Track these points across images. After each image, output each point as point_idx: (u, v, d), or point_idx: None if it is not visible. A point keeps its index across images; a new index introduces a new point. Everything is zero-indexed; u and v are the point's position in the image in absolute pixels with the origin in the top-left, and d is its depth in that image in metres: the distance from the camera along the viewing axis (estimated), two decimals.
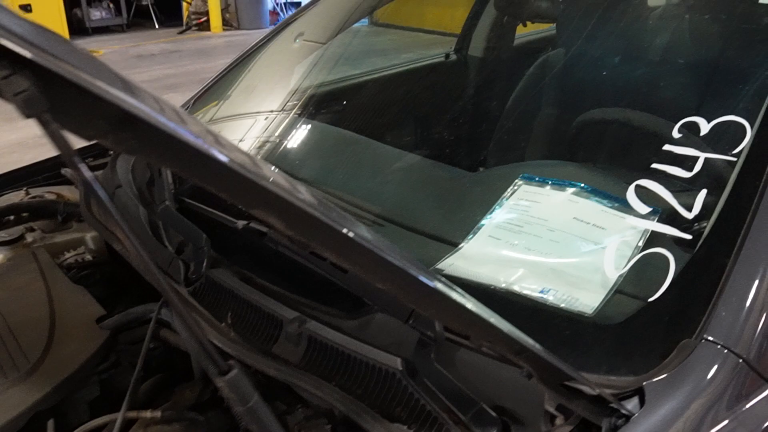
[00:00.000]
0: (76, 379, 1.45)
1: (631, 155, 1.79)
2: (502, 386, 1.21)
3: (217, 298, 1.53)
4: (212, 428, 1.41)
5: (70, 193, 2.30)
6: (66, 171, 2.37)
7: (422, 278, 0.85)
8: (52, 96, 0.62)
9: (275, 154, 2.22)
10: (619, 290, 1.34)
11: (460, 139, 2.36)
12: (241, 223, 1.69)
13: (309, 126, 2.35)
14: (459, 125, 2.45)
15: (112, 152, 2.46)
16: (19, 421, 1.34)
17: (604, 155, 1.86)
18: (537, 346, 0.98)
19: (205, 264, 1.61)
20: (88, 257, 2.00)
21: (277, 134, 2.31)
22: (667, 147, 1.51)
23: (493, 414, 1.17)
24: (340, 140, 2.24)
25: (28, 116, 0.59)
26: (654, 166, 1.49)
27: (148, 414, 1.40)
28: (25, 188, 2.28)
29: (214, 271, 1.57)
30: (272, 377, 1.36)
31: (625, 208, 1.46)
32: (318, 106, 2.58)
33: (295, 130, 2.34)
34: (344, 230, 0.77)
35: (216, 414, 1.42)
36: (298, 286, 1.51)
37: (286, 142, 2.28)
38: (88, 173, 0.73)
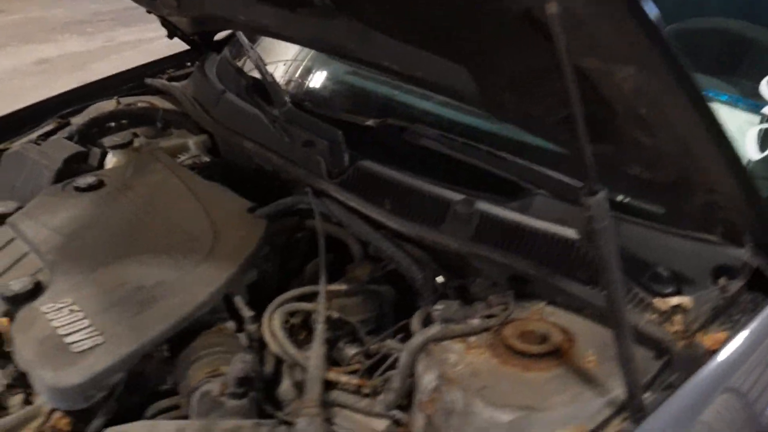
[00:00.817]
0: (252, 261, 1.56)
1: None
2: (670, 253, 1.35)
3: (370, 187, 1.64)
4: (386, 300, 1.54)
5: (160, 102, 2.35)
6: (151, 81, 2.42)
7: None
8: None
9: None
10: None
11: None
12: (374, 121, 1.80)
13: None
14: None
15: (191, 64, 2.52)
16: (217, 295, 1.45)
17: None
18: None
19: (346, 157, 1.72)
20: (205, 159, 2.08)
21: None
22: None
23: (667, 273, 1.32)
24: None
25: None
26: None
27: (334, 287, 1.52)
28: (115, 97, 2.32)
29: (363, 162, 1.67)
30: (442, 254, 1.49)
31: None
32: None
33: None
34: None
35: (389, 289, 1.55)
36: (446, 176, 1.62)
37: None
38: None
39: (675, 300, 1.25)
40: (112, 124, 2.22)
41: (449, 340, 1.29)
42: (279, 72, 2.31)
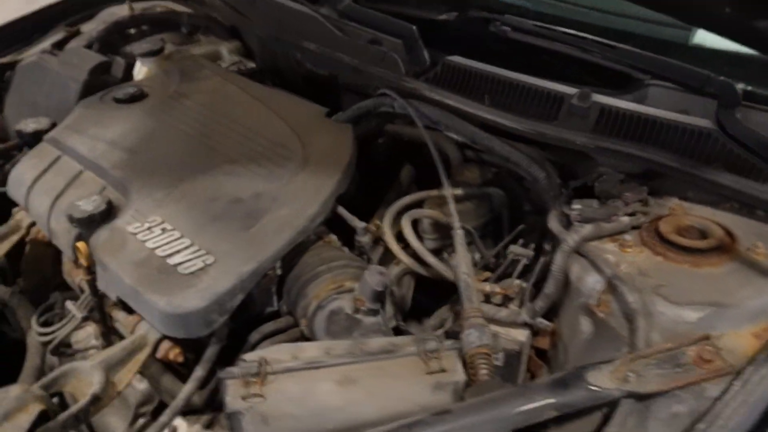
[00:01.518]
0: (353, 165, 1.42)
1: None
2: None
3: (464, 85, 1.50)
4: (500, 204, 1.44)
5: (176, 6, 2.13)
6: None
7: None
8: None
9: None
10: None
11: None
12: (450, 15, 1.65)
13: None
14: None
15: None
16: (327, 206, 1.32)
17: None
18: None
19: (425, 54, 1.58)
20: (249, 64, 1.89)
21: None
22: None
23: None
24: None
25: None
26: None
27: (435, 192, 1.41)
28: (127, 1, 2.09)
29: (453, 58, 1.53)
30: (556, 151, 1.39)
31: None
32: None
33: None
34: None
35: (500, 192, 1.44)
36: (542, 70, 1.50)
37: None
38: None
39: None
40: (132, 30, 2.00)
41: (599, 240, 1.20)
42: None
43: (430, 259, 1.26)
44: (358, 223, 1.35)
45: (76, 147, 1.51)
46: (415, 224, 1.41)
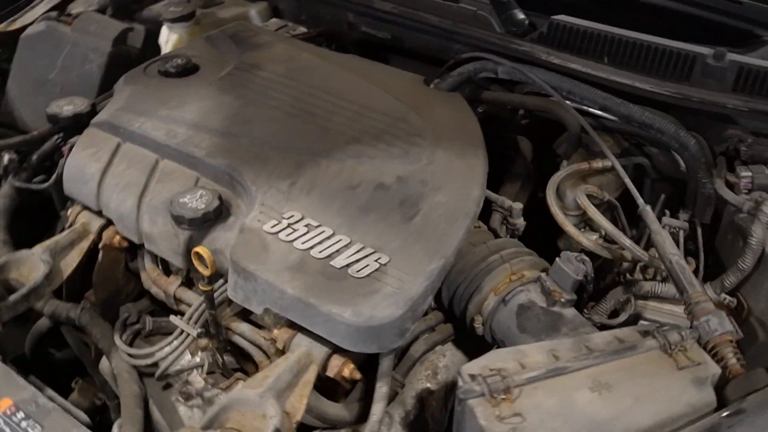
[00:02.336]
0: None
1: None
2: None
3: (576, 46, 1.39)
4: (646, 173, 1.35)
5: None
6: None
7: None
8: None
9: None
10: None
11: None
12: None
13: None
14: None
15: None
16: (484, 187, 1.17)
17: None
18: None
19: (520, 13, 1.45)
20: (300, 29, 1.68)
21: None
22: None
23: None
24: None
25: None
26: None
27: (585, 166, 1.30)
28: None
29: (560, 17, 1.41)
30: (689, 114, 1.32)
31: None
32: None
33: None
34: None
35: (644, 160, 1.35)
36: (657, 29, 1.41)
37: None
38: None
39: None
40: None
41: None
42: None
43: (625, 240, 1.14)
44: (515, 204, 1.21)
45: (145, 132, 1.27)
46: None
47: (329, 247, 1.05)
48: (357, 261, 1.03)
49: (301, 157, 1.20)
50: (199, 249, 1.07)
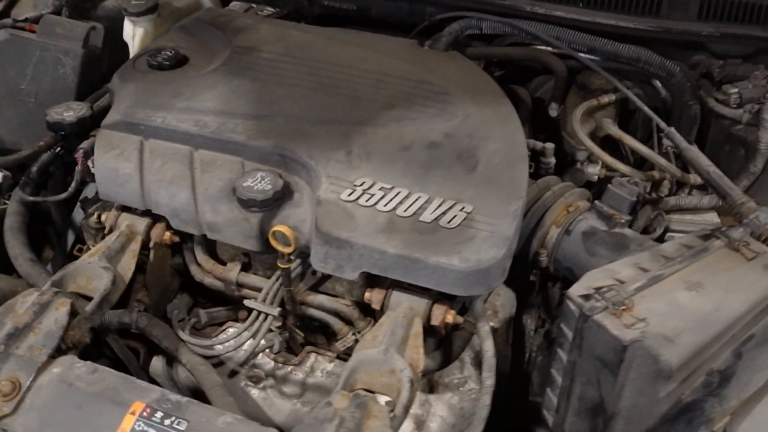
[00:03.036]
0: None
1: None
2: None
3: None
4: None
5: None
6: None
7: None
8: None
9: None
10: None
11: None
12: None
13: None
14: None
15: None
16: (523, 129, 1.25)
17: None
18: None
19: None
20: (268, 10, 1.67)
21: None
22: None
23: None
24: None
25: None
26: None
27: (595, 102, 1.41)
28: None
29: None
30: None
31: None
32: None
33: None
34: None
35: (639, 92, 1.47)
36: None
37: None
38: None
39: None
40: None
41: None
42: None
43: (660, 159, 1.26)
44: (547, 144, 1.30)
45: (171, 125, 1.24)
46: None
47: (411, 205, 1.09)
48: (443, 213, 1.08)
49: (344, 127, 1.23)
50: (279, 227, 1.08)
